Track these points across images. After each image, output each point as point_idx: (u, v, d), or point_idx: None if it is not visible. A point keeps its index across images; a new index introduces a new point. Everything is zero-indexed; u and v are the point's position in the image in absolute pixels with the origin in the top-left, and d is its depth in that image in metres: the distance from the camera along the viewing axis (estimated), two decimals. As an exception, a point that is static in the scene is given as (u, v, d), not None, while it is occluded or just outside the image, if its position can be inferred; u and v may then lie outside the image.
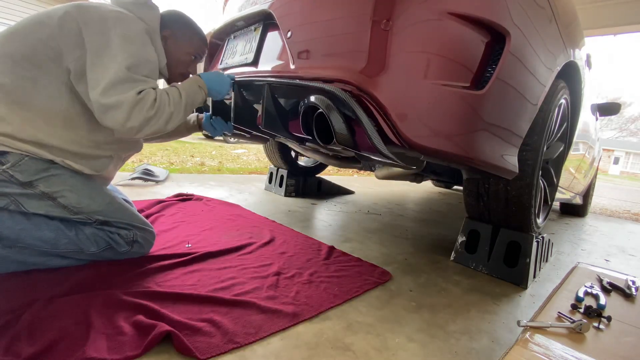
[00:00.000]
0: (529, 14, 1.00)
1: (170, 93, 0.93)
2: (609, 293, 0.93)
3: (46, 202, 0.87)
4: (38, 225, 0.87)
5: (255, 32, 1.26)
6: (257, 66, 1.21)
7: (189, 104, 0.99)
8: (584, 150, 2.26)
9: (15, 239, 0.85)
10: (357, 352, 0.75)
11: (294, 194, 2.46)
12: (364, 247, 1.48)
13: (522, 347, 0.64)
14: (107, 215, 0.95)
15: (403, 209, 2.50)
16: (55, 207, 0.88)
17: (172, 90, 0.95)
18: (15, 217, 0.85)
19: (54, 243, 0.88)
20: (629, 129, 33.18)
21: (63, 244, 0.89)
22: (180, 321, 0.76)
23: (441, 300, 1.07)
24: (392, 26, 0.82)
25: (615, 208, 4.63)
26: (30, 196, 0.85)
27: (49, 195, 0.86)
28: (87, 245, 0.91)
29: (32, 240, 0.86)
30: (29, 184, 0.84)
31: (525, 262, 1.26)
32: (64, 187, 0.88)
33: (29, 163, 0.83)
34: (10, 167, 0.81)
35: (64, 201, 0.88)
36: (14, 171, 0.82)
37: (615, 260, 1.87)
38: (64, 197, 0.88)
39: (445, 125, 0.90)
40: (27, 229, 0.86)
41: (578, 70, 1.47)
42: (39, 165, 0.85)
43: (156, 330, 0.69)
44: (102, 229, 0.94)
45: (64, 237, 0.89)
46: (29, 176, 0.83)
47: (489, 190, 1.32)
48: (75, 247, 0.90)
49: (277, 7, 1.11)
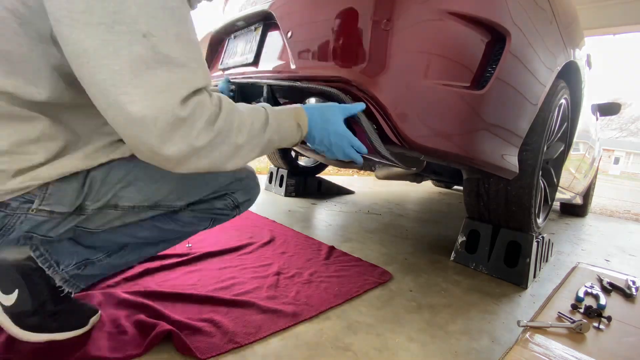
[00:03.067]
0: (529, 13, 1.00)
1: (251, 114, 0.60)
2: (609, 293, 0.93)
3: (111, 214, 0.65)
4: (134, 228, 0.70)
5: (256, 32, 1.26)
6: (257, 66, 1.21)
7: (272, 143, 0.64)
8: (584, 150, 2.26)
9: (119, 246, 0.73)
10: (357, 352, 0.75)
11: (294, 194, 2.46)
12: (364, 247, 1.48)
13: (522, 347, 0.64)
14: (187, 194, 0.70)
15: (403, 209, 2.50)
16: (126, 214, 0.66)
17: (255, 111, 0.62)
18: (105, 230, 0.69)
19: (161, 238, 0.75)
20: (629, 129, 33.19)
21: (170, 235, 0.75)
22: (181, 321, 0.76)
23: (441, 300, 1.07)
24: (392, 26, 0.82)
25: (615, 208, 4.63)
26: (90, 218, 0.63)
27: (107, 205, 0.64)
28: (194, 227, 0.76)
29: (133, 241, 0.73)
30: (79, 210, 0.61)
31: (525, 262, 1.26)
32: (114, 188, 0.63)
33: (58, 188, 0.58)
34: (42, 204, 0.57)
35: (128, 201, 0.65)
36: (49, 205, 0.58)
37: (615, 260, 1.87)
38: (122, 197, 0.64)
39: (445, 125, 0.90)
40: (127, 234, 0.71)
41: (578, 70, 1.47)
42: (72, 184, 0.59)
43: (157, 329, 0.69)
44: (196, 209, 0.73)
45: (166, 230, 0.73)
46: (70, 204, 0.60)
47: (489, 190, 1.32)
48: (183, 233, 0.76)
49: (277, 7, 1.11)
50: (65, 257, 0.68)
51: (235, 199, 0.77)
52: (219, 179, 0.73)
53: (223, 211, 0.76)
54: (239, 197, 0.77)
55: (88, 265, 0.70)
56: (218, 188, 0.74)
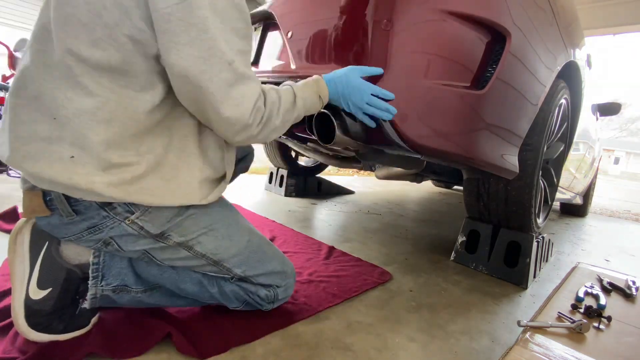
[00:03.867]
0: (529, 13, 1.00)
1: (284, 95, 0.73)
2: (609, 293, 0.93)
3: (183, 253, 0.72)
4: (182, 276, 0.75)
5: (256, 32, 1.26)
6: (257, 66, 1.21)
7: (299, 117, 0.77)
8: (584, 150, 2.26)
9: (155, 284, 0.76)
10: (357, 352, 0.75)
11: (294, 193, 2.46)
12: (364, 247, 1.48)
13: (522, 347, 0.64)
14: (246, 264, 0.78)
15: (403, 209, 2.50)
16: (193, 259, 0.73)
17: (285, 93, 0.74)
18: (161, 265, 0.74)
19: (197, 296, 0.78)
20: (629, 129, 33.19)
21: (206, 297, 0.78)
22: (181, 320, 0.76)
23: (441, 300, 1.07)
24: (392, 26, 0.82)
25: (615, 208, 4.63)
26: (164, 248, 0.70)
27: (185, 244, 0.71)
28: (229, 302, 0.80)
29: (175, 289, 0.77)
30: (161, 236, 0.68)
31: (525, 262, 1.26)
32: (198, 232, 0.72)
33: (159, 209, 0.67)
34: (141, 217, 0.65)
35: (201, 249, 0.72)
36: (144, 221, 0.66)
37: (615, 260, 1.87)
38: (200, 243, 0.72)
39: (445, 125, 0.90)
40: (172, 278, 0.75)
41: (578, 70, 1.47)
42: (172, 211, 0.68)
43: (157, 329, 0.70)
44: (242, 286, 0.79)
45: (206, 292, 0.77)
46: (160, 226, 0.67)
47: (489, 190, 1.32)
48: (217, 301, 0.79)
49: (278, 7, 1.11)
50: (112, 276, 0.72)
51: (276, 294, 0.82)
52: (273, 262, 0.82)
53: (261, 300, 0.81)
54: (280, 294, 0.83)
55: (123, 292, 0.73)
56: (271, 270, 0.81)
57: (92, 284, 0.71)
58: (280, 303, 0.85)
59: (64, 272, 0.68)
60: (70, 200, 0.61)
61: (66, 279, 0.68)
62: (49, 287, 0.66)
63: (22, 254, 0.67)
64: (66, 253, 0.70)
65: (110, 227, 0.65)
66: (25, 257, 0.66)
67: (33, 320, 0.64)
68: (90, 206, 0.62)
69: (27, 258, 0.66)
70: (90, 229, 0.64)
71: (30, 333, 0.63)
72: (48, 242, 0.68)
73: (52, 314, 0.66)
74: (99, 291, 0.71)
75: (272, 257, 0.83)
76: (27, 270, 0.66)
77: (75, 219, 0.63)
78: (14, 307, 0.64)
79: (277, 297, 0.82)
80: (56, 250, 0.69)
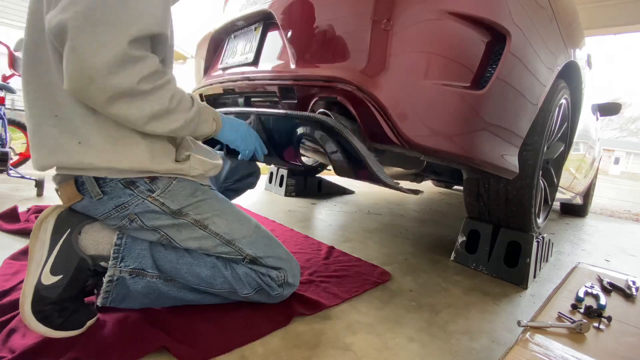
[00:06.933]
0: (529, 13, 1.00)
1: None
2: (609, 293, 0.93)
3: (198, 232, 0.78)
4: (198, 260, 0.80)
5: (256, 31, 1.26)
6: (257, 66, 1.21)
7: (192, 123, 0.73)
8: (585, 150, 2.26)
9: (173, 274, 0.78)
10: (357, 352, 0.75)
11: (294, 193, 2.46)
12: (364, 247, 1.48)
13: (522, 347, 0.64)
14: (256, 245, 0.84)
15: (403, 209, 2.50)
16: (207, 238, 0.79)
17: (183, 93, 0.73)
18: (178, 250, 0.79)
19: (210, 282, 0.80)
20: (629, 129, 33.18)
21: (219, 282, 0.80)
22: (180, 320, 0.76)
23: (441, 300, 1.06)
24: (392, 26, 0.82)
25: (615, 208, 4.63)
26: (181, 227, 0.76)
27: (200, 223, 0.78)
28: (241, 287, 0.82)
29: (189, 277, 0.79)
30: (179, 212, 0.75)
31: (525, 262, 1.25)
32: (212, 212, 0.79)
33: (179, 187, 0.75)
34: (161, 194, 0.73)
35: (215, 228, 0.79)
36: (164, 198, 0.73)
37: (615, 260, 1.87)
38: (214, 223, 0.79)
39: (445, 125, 0.90)
40: (188, 262, 0.79)
41: (578, 70, 1.47)
42: (188, 189, 0.76)
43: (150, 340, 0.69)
44: (253, 269, 0.83)
45: (220, 275, 0.80)
46: (179, 203, 0.75)
47: (489, 190, 1.32)
48: (229, 286, 0.81)
49: (277, 7, 1.11)
50: (131, 258, 0.76)
51: (286, 277, 0.86)
52: (280, 249, 0.89)
53: (272, 281, 0.84)
54: (289, 278, 0.87)
55: (139, 276, 0.75)
56: (279, 255, 0.87)
57: (111, 264, 0.73)
58: (289, 291, 0.88)
59: (77, 260, 0.71)
60: (99, 181, 0.69)
61: (77, 267, 0.70)
62: (61, 274, 0.69)
63: (44, 239, 0.70)
64: (84, 243, 0.73)
65: (135, 204, 0.72)
66: (45, 242, 0.69)
67: (37, 307, 0.65)
68: (115, 186, 0.70)
69: (47, 244, 0.69)
70: (117, 207, 0.71)
71: (31, 320, 0.64)
72: (69, 230, 0.71)
73: (55, 304, 0.67)
74: (117, 272, 0.73)
75: (278, 245, 0.90)
76: (45, 255, 0.69)
77: (104, 198, 0.70)
78: (24, 291, 0.65)
79: (287, 279, 0.86)
80: (75, 238, 0.72)
